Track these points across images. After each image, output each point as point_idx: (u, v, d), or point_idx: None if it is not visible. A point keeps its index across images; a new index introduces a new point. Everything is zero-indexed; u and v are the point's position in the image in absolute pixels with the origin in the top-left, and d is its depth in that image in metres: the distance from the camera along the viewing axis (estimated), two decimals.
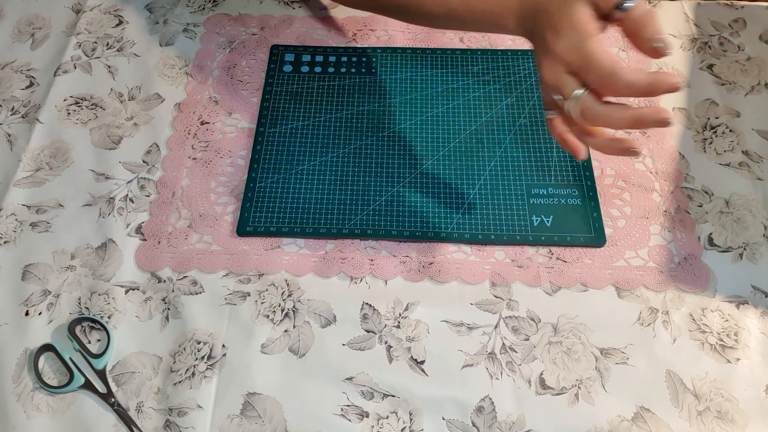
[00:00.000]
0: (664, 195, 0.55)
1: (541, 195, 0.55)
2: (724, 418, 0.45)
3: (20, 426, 0.46)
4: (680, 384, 0.47)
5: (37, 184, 0.57)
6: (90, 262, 0.53)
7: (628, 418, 0.45)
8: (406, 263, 0.52)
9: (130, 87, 0.64)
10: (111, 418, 0.46)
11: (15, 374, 0.48)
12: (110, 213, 0.55)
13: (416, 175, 0.56)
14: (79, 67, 0.65)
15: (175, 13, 0.69)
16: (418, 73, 0.63)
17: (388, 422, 0.46)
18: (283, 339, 0.49)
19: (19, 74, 0.65)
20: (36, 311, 0.51)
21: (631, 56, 0.64)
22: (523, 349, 0.48)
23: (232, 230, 0.54)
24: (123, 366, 0.48)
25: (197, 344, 0.49)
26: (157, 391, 0.47)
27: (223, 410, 0.46)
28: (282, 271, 0.52)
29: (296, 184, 0.56)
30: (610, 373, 0.47)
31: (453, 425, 0.45)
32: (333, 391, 0.47)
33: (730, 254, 0.52)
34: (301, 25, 0.68)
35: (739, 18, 0.67)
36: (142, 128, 0.61)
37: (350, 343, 0.49)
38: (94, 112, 0.62)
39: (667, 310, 0.50)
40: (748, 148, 0.58)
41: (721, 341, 0.48)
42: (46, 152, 0.59)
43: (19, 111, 0.62)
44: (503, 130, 0.59)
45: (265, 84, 0.63)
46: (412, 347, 0.49)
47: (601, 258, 0.52)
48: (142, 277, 0.52)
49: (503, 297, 0.51)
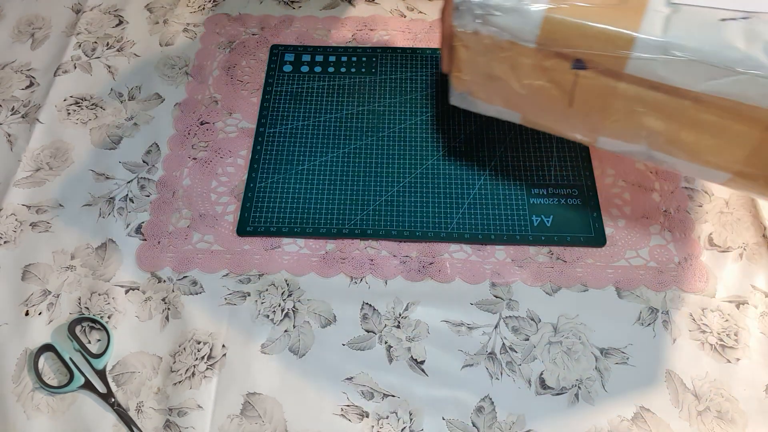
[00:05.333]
0: (664, 195, 0.55)
1: (541, 195, 0.55)
2: (724, 418, 0.45)
3: (20, 426, 0.46)
4: (680, 384, 0.47)
5: (37, 184, 0.57)
6: (90, 262, 0.53)
7: (628, 418, 0.45)
8: (406, 263, 0.52)
9: (130, 87, 0.64)
10: (111, 418, 0.46)
11: (15, 374, 0.48)
12: (110, 213, 0.55)
13: (416, 175, 0.56)
14: (79, 67, 0.65)
15: (175, 13, 0.69)
16: (418, 73, 0.63)
17: (388, 422, 0.46)
18: (283, 339, 0.49)
19: (19, 74, 0.65)
20: (36, 311, 0.51)
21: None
22: (523, 349, 0.48)
23: (232, 230, 0.54)
24: (123, 366, 0.48)
25: (197, 344, 0.49)
26: (157, 391, 0.47)
27: (223, 410, 0.46)
28: (282, 271, 0.52)
29: (296, 184, 0.56)
30: (610, 373, 0.47)
31: (453, 425, 0.45)
32: (333, 391, 0.47)
33: (730, 254, 0.52)
34: (301, 25, 0.68)
35: None
36: (142, 128, 0.61)
37: (350, 343, 0.49)
38: (94, 112, 0.62)
39: (667, 310, 0.50)
40: None
41: (721, 341, 0.48)
42: (46, 152, 0.59)
43: (19, 111, 0.62)
44: (503, 130, 0.59)
45: (265, 84, 0.63)
46: (412, 347, 0.49)
47: (601, 258, 0.52)
48: (142, 277, 0.52)
49: (503, 297, 0.51)
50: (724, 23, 0.32)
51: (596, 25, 0.34)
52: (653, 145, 0.38)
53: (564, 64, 0.37)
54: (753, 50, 0.31)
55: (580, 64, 0.36)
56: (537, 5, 0.35)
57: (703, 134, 0.35)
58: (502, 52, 0.38)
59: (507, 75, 0.39)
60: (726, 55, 0.32)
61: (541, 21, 0.35)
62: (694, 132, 0.36)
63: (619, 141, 0.40)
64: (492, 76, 0.40)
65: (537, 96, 0.39)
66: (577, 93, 0.38)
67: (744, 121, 0.34)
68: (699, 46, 0.32)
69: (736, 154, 0.35)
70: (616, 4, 0.35)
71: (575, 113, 0.39)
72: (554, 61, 0.37)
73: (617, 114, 0.38)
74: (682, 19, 0.33)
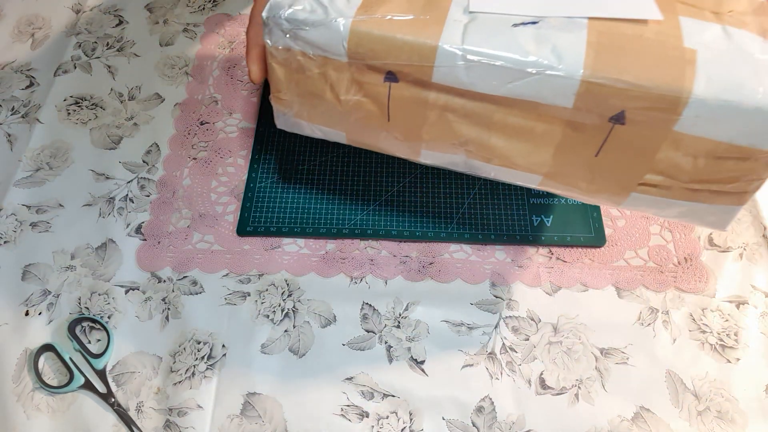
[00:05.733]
0: None
1: (541, 195, 0.55)
2: (724, 418, 0.45)
3: (20, 426, 0.46)
4: (680, 384, 0.47)
5: (37, 184, 0.57)
6: (90, 262, 0.53)
7: (628, 418, 0.45)
8: (406, 263, 0.52)
9: (130, 87, 0.64)
10: (111, 418, 0.46)
11: (15, 374, 0.48)
12: (110, 213, 0.55)
13: (416, 175, 0.56)
14: (79, 67, 0.65)
15: (175, 13, 0.69)
16: None
17: (388, 422, 0.46)
18: (283, 339, 0.49)
19: (19, 74, 0.65)
20: (36, 311, 0.51)
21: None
22: (523, 349, 0.48)
23: (232, 230, 0.54)
24: (123, 366, 0.48)
25: (197, 344, 0.49)
26: (157, 391, 0.47)
27: (223, 410, 0.46)
28: (282, 271, 0.52)
29: (296, 184, 0.56)
30: (610, 373, 0.47)
31: (453, 425, 0.45)
32: (333, 391, 0.47)
33: (730, 254, 0.52)
34: None
35: None
36: (142, 128, 0.61)
37: (350, 343, 0.49)
38: (94, 112, 0.62)
39: (667, 310, 0.50)
40: None
41: (721, 341, 0.48)
42: (46, 152, 0.59)
43: (19, 111, 0.62)
44: None
45: (265, 84, 0.63)
46: (412, 347, 0.49)
47: (601, 258, 0.52)
48: (142, 277, 0.52)
49: (503, 297, 0.51)
50: (516, 28, 0.35)
51: (400, 37, 0.35)
52: (470, 154, 0.39)
53: (377, 77, 0.37)
54: (542, 52, 0.34)
55: (392, 77, 0.37)
56: (343, 19, 0.36)
57: (512, 138, 0.37)
58: (317, 68, 0.39)
59: (325, 92, 0.39)
60: (519, 59, 0.34)
61: (348, 35, 0.36)
62: (504, 137, 0.37)
63: (438, 153, 0.41)
64: (311, 93, 0.40)
65: (357, 112, 0.40)
66: (392, 106, 0.39)
67: (545, 120, 0.35)
68: (494, 51, 0.34)
69: (543, 155, 0.37)
70: (419, 15, 0.36)
71: (394, 128, 0.40)
72: (368, 75, 0.38)
73: (432, 125, 0.39)
74: (479, 26, 0.35)
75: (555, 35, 0.34)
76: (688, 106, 0.32)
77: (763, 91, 0.32)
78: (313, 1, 0.37)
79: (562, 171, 0.38)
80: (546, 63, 0.34)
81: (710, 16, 0.35)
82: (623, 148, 0.35)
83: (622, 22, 0.35)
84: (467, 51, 0.34)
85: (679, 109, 0.32)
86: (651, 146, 0.35)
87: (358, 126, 0.41)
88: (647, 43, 0.34)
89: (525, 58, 0.34)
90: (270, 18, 0.37)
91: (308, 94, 0.40)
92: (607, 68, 0.33)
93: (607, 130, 0.35)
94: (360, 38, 0.36)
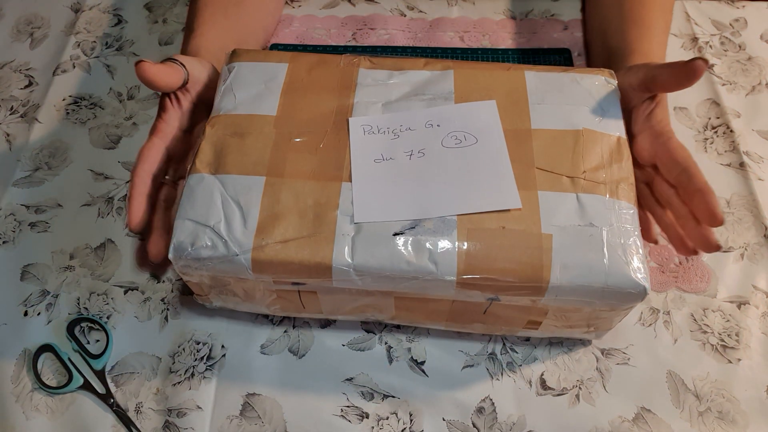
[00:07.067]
0: None
1: None
2: (725, 419, 0.45)
3: (19, 426, 0.45)
4: (681, 384, 0.47)
5: (35, 184, 0.57)
6: (89, 262, 0.53)
7: (629, 419, 0.45)
8: None
9: (129, 86, 0.64)
10: (110, 418, 0.46)
11: (14, 375, 0.48)
12: (109, 213, 0.55)
13: None
14: (78, 67, 0.65)
15: (175, 13, 0.69)
16: None
17: (388, 423, 0.45)
18: (283, 339, 0.49)
19: (18, 74, 0.65)
20: (35, 311, 0.50)
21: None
22: (523, 350, 0.48)
23: None
24: (122, 366, 0.48)
25: (196, 345, 0.49)
26: (157, 392, 0.47)
27: (223, 411, 0.46)
28: None
29: None
30: (611, 374, 0.47)
31: (453, 426, 0.45)
32: (333, 391, 0.47)
33: (731, 254, 0.52)
34: (301, 24, 0.67)
35: (740, 17, 0.67)
36: (141, 128, 0.60)
37: (350, 343, 0.49)
38: (93, 111, 0.62)
39: (668, 310, 0.50)
40: (749, 149, 0.58)
41: (723, 342, 0.48)
42: (44, 152, 0.59)
43: (18, 110, 0.62)
44: None
45: None
46: (412, 347, 0.49)
47: None
48: (141, 278, 0.52)
49: None
50: (396, 238, 0.39)
51: (298, 261, 0.39)
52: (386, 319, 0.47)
53: (286, 284, 0.42)
54: (421, 261, 0.38)
55: (299, 283, 0.41)
56: (243, 252, 0.39)
57: (414, 312, 0.45)
58: (230, 284, 0.43)
59: (244, 295, 0.44)
60: (402, 268, 0.39)
61: (251, 265, 0.39)
62: (407, 312, 0.45)
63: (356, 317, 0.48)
64: (230, 292, 0.44)
65: (273, 305, 0.46)
66: (304, 299, 0.44)
67: (436, 302, 0.42)
68: (380, 265, 0.39)
69: (441, 316, 0.45)
70: (311, 233, 0.39)
71: (311, 310, 0.46)
72: (278, 283, 0.42)
73: (346, 307, 0.45)
74: (364, 239, 0.39)
75: (431, 240, 0.39)
76: (548, 291, 0.39)
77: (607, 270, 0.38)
78: (213, 236, 0.40)
79: (458, 321, 0.46)
80: (425, 270, 0.38)
81: (567, 183, 0.41)
82: (504, 309, 0.42)
83: (486, 215, 0.40)
84: (356, 267, 0.39)
85: (540, 293, 0.39)
86: (525, 309, 0.42)
87: (279, 309, 0.47)
88: (509, 235, 0.39)
89: (407, 267, 0.38)
90: (175, 258, 0.40)
91: (227, 292, 0.44)
92: (476, 269, 0.38)
93: (488, 304, 0.42)
94: (262, 266, 0.39)
